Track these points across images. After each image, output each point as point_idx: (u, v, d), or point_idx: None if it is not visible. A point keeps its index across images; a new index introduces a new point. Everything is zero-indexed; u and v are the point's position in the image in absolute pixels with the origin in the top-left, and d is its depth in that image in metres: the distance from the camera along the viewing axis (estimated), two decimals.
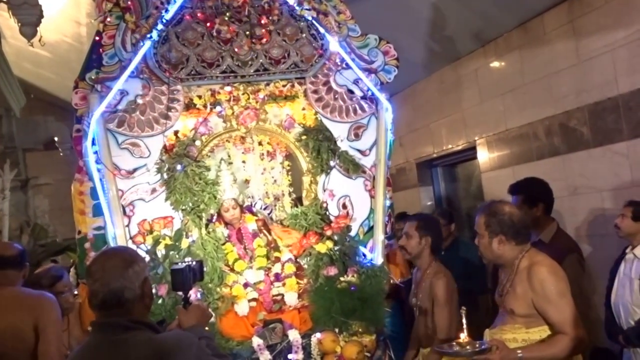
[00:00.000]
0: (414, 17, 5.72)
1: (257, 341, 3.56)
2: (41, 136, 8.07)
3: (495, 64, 6.00)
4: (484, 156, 6.28)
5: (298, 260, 3.95)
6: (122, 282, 2.22)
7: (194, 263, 2.90)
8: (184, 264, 2.88)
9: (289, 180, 4.54)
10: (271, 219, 4.30)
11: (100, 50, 3.65)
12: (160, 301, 3.49)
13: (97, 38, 3.68)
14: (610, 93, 4.43)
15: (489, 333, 2.99)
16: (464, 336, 2.67)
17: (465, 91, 6.48)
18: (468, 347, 2.65)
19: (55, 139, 8.17)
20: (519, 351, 2.75)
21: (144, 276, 2.32)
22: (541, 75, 5.30)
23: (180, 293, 2.95)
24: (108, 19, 3.66)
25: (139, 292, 2.26)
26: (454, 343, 2.72)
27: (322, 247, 3.82)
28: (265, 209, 4.35)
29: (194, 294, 3.56)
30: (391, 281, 4.00)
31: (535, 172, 4.67)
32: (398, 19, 5.44)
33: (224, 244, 3.87)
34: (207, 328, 3.45)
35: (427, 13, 5.70)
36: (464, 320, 2.71)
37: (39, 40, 3.99)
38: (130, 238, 3.60)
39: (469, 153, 6.68)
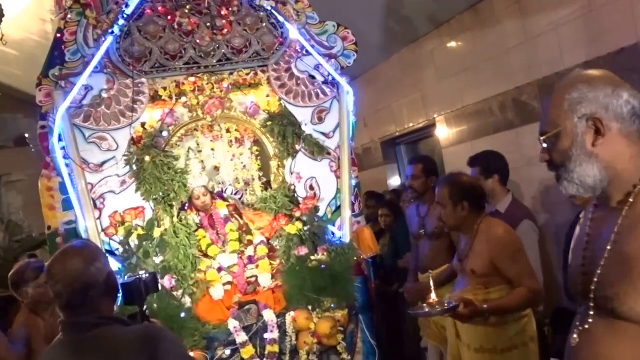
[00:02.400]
0: (371, 3, 5.83)
1: (233, 323, 3.67)
2: (11, 133, 8.01)
3: (450, 45, 6.17)
4: (444, 133, 6.46)
5: (270, 242, 4.07)
6: (85, 281, 2.17)
7: (147, 275, 2.83)
8: (135, 277, 2.81)
9: (258, 165, 4.65)
10: (242, 203, 4.40)
11: (63, 47, 3.68)
12: None
13: (58, 35, 3.70)
14: (557, 68, 4.61)
15: (452, 297, 3.18)
16: (433, 296, 2.83)
17: (423, 71, 6.64)
18: (437, 306, 2.81)
19: (26, 135, 8.10)
20: (484, 305, 2.94)
21: (107, 271, 2.29)
22: (493, 54, 5.48)
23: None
24: (69, 16, 3.69)
25: (103, 288, 2.23)
26: (424, 305, 2.89)
27: (292, 229, 3.95)
28: (236, 194, 4.45)
29: (168, 281, 3.66)
30: (361, 257, 4.13)
31: (492, 146, 4.85)
32: (356, 4, 5.54)
33: (196, 230, 3.96)
34: (183, 314, 3.59)
35: None
36: (431, 283, 2.88)
37: (1, 39, 3.98)
38: (103, 230, 3.65)
39: (430, 130, 6.87)
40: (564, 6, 4.49)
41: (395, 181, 7.88)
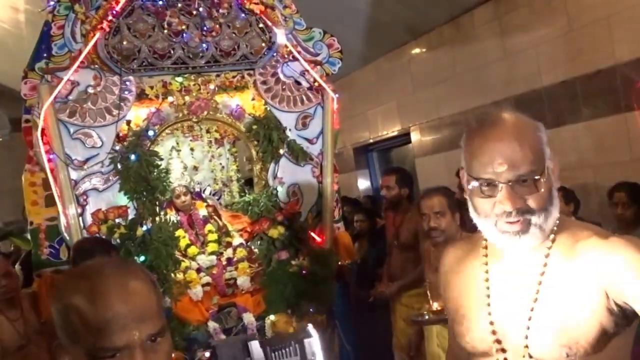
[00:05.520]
0: (351, 9, 5.90)
1: (213, 325, 3.66)
2: None
3: (428, 56, 6.29)
4: (418, 142, 6.58)
5: (249, 244, 4.07)
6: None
7: None
8: None
9: (236, 166, 4.67)
10: (220, 204, 4.41)
11: (50, 40, 3.63)
12: None
13: (45, 28, 3.65)
14: (535, 85, 4.76)
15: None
16: (436, 306, 2.91)
17: (399, 81, 6.75)
18: (440, 314, 2.92)
19: None
20: None
21: None
22: (471, 67, 5.61)
23: None
24: (57, 10, 3.65)
25: None
26: (425, 312, 2.97)
27: (275, 233, 3.96)
28: (214, 194, 4.45)
29: None
30: (339, 263, 4.18)
31: None
32: (335, 11, 5.60)
33: (175, 230, 3.95)
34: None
35: (362, 6, 5.89)
36: (428, 293, 2.96)
37: None
38: (85, 228, 3.60)
39: (403, 139, 6.98)
40: (544, 25, 4.64)
41: (366, 187, 7.97)
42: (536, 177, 1.42)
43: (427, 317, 3.03)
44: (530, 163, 1.42)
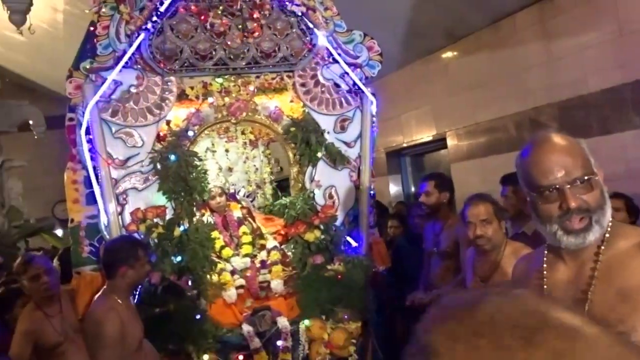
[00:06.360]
0: (389, 13, 5.85)
1: (247, 328, 3.64)
2: (15, 119, 7.95)
3: (465, 60, 6.20)
4: (454, 147, 6.50)
5: (283, 247, 4.05)
6: None
7: None
8: None
9: (270, 169, 4.66)
10: (253, 206, 4.40)
11: (95, 40, 3.66)
12: (152, 289, 3.54)
13: (91, 28, 3.68)
14: (581, 91, 4.65)
15: None
16: None
17: (435, 85, 6.67)
18: None
19: (30, 122, 8.05)
20: None
21: None
22: (511, 72, 5.52)
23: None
24: (102, 10, 3.68)
25: None
26: None
27: (311, 236, 3.93)
28: (247, 196, 4.45)
29: (184, 282, 3.63)
30: (373, 269, 4.14)
31: (504, 165, 4.87)
32: (371, 13, 5.56)
33: (211, 231, 3.94)
34: (198, 316, 3.57)
35: (401, 10, 5.84)
36: None
37: (29, 28, 3.93)
38: (124, 227, 3.63)
39: (438, 144, 6.90)
40: (591, 30, 4.54)
41: (397, 192, 7.89)
42: (588, 178, 1.62)
43: None
44: (582, 167, 1.63)
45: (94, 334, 3.00)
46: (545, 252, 1.80)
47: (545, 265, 1.78)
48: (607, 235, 1.65)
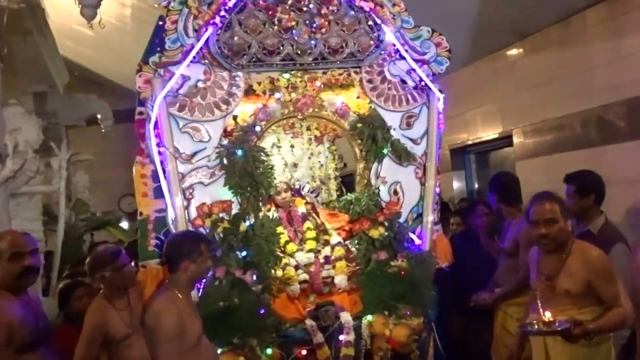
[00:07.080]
0: (455, 10, 5.76)
1: (310, 323, 3.66)
2: (83, 113, 8.17)
3: (533, 58, 6.08)
4: (520, 145, 6.38)
5: (346, 243, 4.03)
6: None
7: None
8: None
9: (335, 165, 4.65)
10: (317, 201, 4.39)
11: (163, 34, 3.71)
12: (217, 283, 3.58)
13: (160, 23, 3.73)
14: None
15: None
16: (548, 315, 2.84)
17: (501, 82, 6.57)
18: (552, 325, 2.87)
19: (98, 116, 8.27)
20: (590, 325, 2.94)
21: None
22: (578, 69, 5.40)
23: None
24: (171, 4, 3.73)
25: None
26: (534, 322, 2.91)
27: (375, 233, 3.91)
28: (312, 192, 4.45)
29: (250, 276, 3.65)
30: (436, 266, 4.08)
31: (570, 163, 4.77)
32: (438, 10, 5.48)
33: (277, 226, 3.96)
34: (262, 311, 3.58)
35: (467, 7, 5.74)
36: (538, 302, 2.86)
37: (99, 23, 4.03)
38: (190, 221, 3.66)
39: (504, 141, 6.78)
40: None
41: (460, 189, 7.80)
42: None
43: (536, 327, 2.91)
44: None
45: (153, 327, 3.04)
46: None
47: None
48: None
